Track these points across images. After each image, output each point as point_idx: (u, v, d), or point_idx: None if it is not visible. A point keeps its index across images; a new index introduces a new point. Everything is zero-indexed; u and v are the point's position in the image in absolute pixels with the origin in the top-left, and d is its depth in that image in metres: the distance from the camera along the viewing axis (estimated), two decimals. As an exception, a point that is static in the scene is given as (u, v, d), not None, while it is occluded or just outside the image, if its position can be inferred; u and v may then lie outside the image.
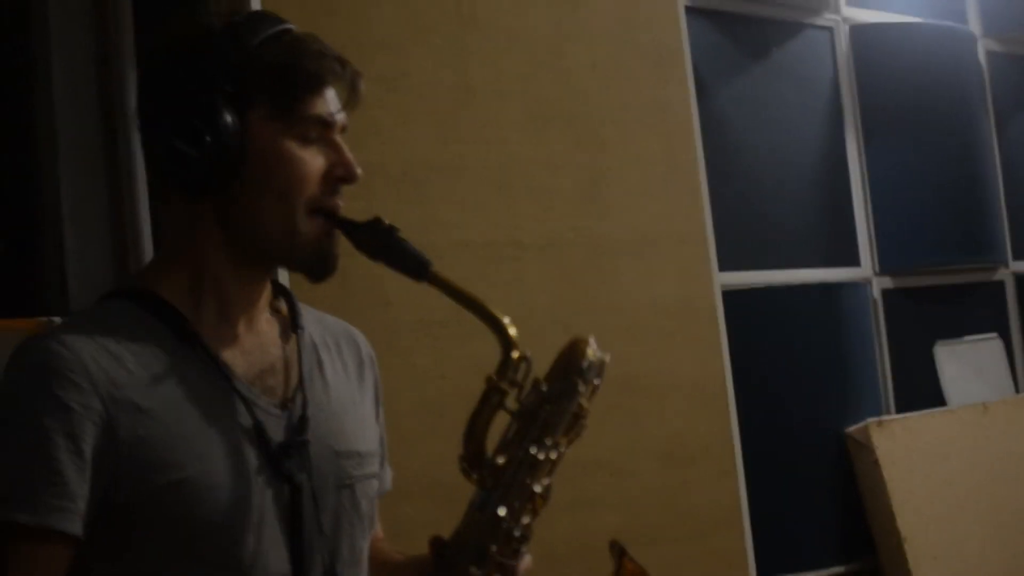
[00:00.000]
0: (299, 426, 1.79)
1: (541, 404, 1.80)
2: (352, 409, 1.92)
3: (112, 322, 1.74)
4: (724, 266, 4.49)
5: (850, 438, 4.84)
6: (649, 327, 4.15)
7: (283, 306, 1.92)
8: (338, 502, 1.83)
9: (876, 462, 4.75)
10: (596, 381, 1.84)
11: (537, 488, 1.79)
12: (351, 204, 1.83)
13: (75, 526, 1.63)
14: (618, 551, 1.92)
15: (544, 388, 1.80)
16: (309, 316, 1.95)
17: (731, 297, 4.53)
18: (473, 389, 1.83)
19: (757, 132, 4.85)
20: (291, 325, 1.89)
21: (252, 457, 1.73)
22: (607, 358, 1.84)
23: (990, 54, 5.80)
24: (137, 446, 1.66)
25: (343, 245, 1.83)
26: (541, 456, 1.79)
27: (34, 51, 3.23)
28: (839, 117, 5.14)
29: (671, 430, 4.15)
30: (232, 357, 1.78)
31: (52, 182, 3.21)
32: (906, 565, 4.70)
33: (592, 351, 1.83)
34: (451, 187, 3.77)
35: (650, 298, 4.17)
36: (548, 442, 1.79)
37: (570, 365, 1.82)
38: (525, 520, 1.78)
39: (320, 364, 1.90)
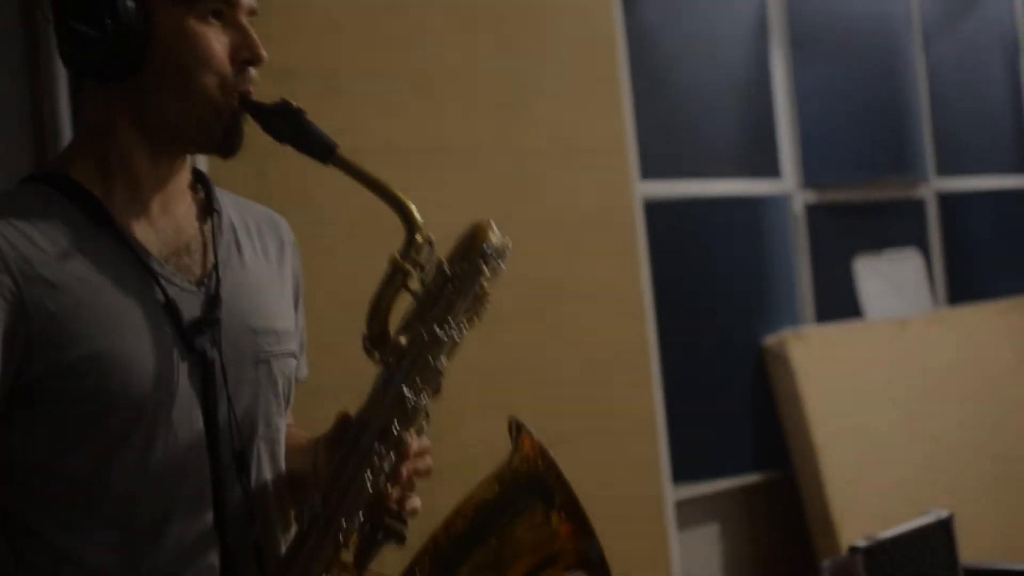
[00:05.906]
0: (213, 303, 1.81)
1: (444, 285, 1.81)
2: (270, 288, 1.93)
3: (24, 203, 1.74)
4: (647, 175, 4.53)
5: (767, 349, 4.91)
6: (570, 234, 4.17)
7: (200, 191, 1.93)
8: (255, 377, 1.85)
9: (792, 373, 4.82)
10: (499, 265, 1.85)
11: (439, 367, 1.80)
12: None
13: None
14: (515, 427, 1.94)
15: (447, 269, 1.82)
16: (228, 200, 1.96)
17: (653, 208, 4.56)
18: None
19: (683, 44, 4.86)
20: (207, 208, 1.90)
21: (165, 333, 1.74)
22: (509, 243, 1.85)
23: (918, -28, 5.84)
24: (49, 321, 1.66)
25: (262, 143, 1.84)
26: (443, 336, 1.80)
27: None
28: (765, 31, 5.16)
29: (590, 337, 4.19)
30: (145, 236, 1.79)
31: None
32: (820, 475, 4.78)
33: (494, 235, 1.84)
34: (374, 91, 3.76)
35: (571, 206, 4.19)
36: (451, 322, 1.81)
37: (472, 247, 1.83)
38: (426, 399, 1.81)
39: (238, 245, 1.91)
